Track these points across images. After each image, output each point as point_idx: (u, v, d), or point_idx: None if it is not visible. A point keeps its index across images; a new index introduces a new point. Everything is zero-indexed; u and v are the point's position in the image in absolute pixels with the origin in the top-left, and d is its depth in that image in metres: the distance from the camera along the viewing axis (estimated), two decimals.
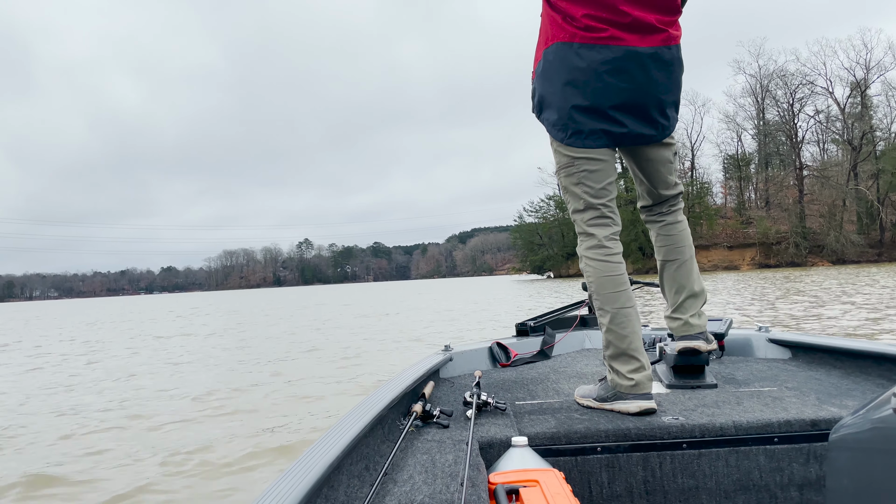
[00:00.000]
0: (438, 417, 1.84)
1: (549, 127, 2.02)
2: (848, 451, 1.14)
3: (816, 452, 1.66)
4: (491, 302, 22.66)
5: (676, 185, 2.17)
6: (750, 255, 62.28)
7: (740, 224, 65.96)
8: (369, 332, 12.94)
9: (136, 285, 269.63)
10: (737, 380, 2.28)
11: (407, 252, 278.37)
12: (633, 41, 1.85)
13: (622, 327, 1.91)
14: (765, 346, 2.77)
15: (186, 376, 8.08)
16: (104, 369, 9.26)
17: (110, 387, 7.53)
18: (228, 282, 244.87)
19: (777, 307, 13.13)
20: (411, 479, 1.39)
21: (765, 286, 22.43)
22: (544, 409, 1.99)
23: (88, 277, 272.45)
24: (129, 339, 15.01)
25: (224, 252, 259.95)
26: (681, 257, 2.15)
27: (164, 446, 4.54)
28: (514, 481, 1.32)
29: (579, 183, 2.00)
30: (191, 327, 18.64)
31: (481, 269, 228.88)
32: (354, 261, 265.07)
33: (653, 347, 2.65)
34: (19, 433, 5.26)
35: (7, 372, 9.68)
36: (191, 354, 10.75)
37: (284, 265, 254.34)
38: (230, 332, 15.88)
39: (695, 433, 1.69)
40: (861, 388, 2.04)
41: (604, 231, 2.00)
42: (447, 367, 2.63)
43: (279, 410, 5.62)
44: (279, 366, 8.60)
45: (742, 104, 72.16)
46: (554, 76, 1.95)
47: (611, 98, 1.89)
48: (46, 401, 6.78)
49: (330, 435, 1.42)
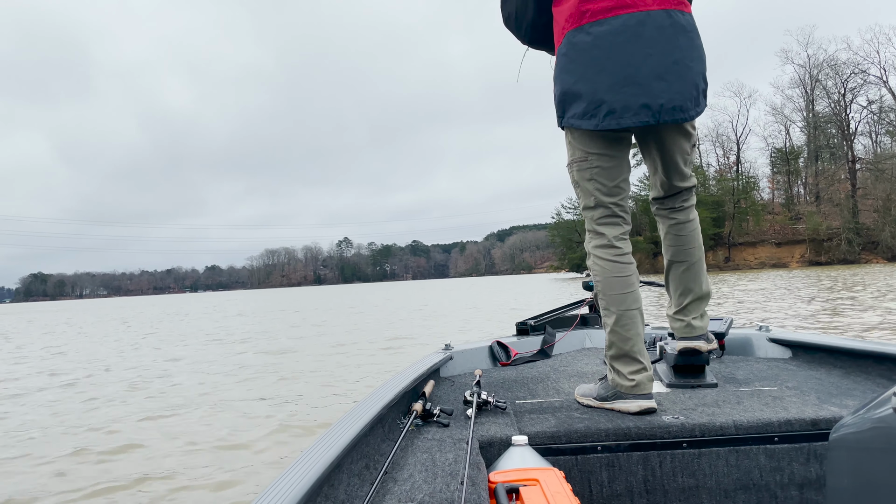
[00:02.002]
0: (439, 416, 1.83)
1: (578, 120, 1.90)
2: (848, 451, 1.14)
3: (817, 452, 1.66)
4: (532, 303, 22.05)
5: (691, 178, 2.10)
6: (799, 252, 60.25)
7: (789, 220, 63.97)
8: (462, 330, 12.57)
9: (181, 284, 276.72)
10: (737, 379, 2.27)
11: (445, 250, 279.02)
12: (643, 5, 1.80)
13: (626, 329, 1.89)
14: (765, 346, 2.76)
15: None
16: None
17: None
18: (270, 280, 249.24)
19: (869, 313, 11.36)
20: (411, 478, 1.39)
21: (828, 287, 21.20)
22: (544, 408, 1.98)
23: (136, 276, 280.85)
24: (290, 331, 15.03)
25: (266, 251, 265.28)
26: (689, 259, 2.09)
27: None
28: (515, 480, 1.33)
29: (591, 179, 1.95)
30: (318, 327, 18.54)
31: (520, 267, 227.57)
32: (393, 259, 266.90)
33: (653, 346, 2.58)
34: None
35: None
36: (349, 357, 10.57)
37: (325, 264, 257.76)
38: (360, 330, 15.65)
39: (695, 432, 1.68)
40: (861, 388, 2.02)
41: (614, 230, 1.96)
42: (447, 366, 2.62)
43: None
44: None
45: (790, 95, 69.99)
46: (572, 66, 1.87)
47: (639, 66, 1.79)
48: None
49: (330, 433, 1.42)
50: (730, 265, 63.13)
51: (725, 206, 65.17)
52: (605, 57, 1.81)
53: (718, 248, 65.22)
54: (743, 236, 64.93)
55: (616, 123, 1.83)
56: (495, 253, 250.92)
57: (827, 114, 66.62)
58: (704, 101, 1.91)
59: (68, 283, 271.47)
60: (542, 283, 54.34)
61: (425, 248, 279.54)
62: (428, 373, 2.26)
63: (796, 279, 28.39)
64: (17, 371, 9.91)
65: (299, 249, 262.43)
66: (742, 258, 63.84)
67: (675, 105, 1.82)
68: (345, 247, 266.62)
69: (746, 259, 63.37)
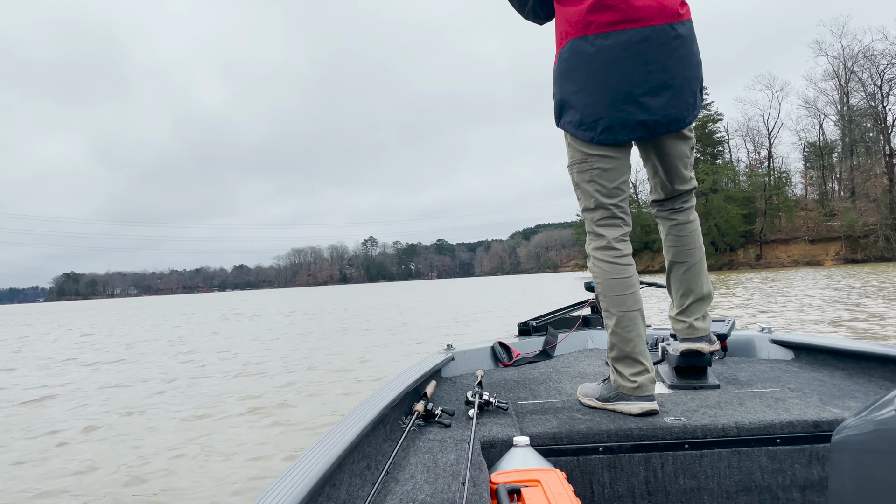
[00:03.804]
0: (440, 417, 1.83)
1: (574, 129, 1.92)
2: (850, 453, 1.13)
3: (819, 454, 1.66)
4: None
5: (691, 180, 2.12)
6: (834, 250, 58.64)
7: (823, 216, 62.32)
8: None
9: (209, 283, 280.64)
10: (739, 380, 2.27)
11: (470, 249, 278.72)
12: (647, 20, 1.81)
13: (627, 331, 1.89)
14: (767, 347, 2.75)
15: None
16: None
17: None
18: (297, 279, 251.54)
19: None
20: (413, 479, 1.40)
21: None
22: (546, 409, 1.98)
23: (165, 275, 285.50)
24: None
25: (292, 250, 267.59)
26: (690, 260, 2.11)
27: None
28: (516, 481, 1.32)
29: (591, 181, 1.95)
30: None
31: (545, 265, 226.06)
32: (418, 258, 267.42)
33: (655, 347, 2.55)
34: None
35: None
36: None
37: (350, 263, 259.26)
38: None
39: (697, 434, 1.68)
40: (864, 390, 2.02)
41: (614, 232, 1.96)
42: (449, 367, 2.62)
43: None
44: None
45: (823, 88, 68.32)
46: (573, 74, 1.88)
47: (638, 83, 1.82)
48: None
49: (332, 434, 1.42)
50: (761, 263, 61.70)
51: (757, 203, 63.74)
52: (606, 72, 1.82)
53: (749, 245, 63.82)
54: (775, 233, 63.49)
55: (612, 139, 1.87)
56: (520, 251, 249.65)
57: (862, 107, 64.72)
58: (701, 100, 1.97)
59: (100, 282, 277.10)
60: (567, 281, 53.62)
61: (450, 247, 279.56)
62: (430, 373, 2.25)
63: (836, 278, 27.40)
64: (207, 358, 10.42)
65: (325, 249, 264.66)
66: (774, 256, 62.35)
67: (671, 118, 1.86)
68: (370, 246, 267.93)
69: (779, 257, 61.87)
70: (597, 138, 1.87)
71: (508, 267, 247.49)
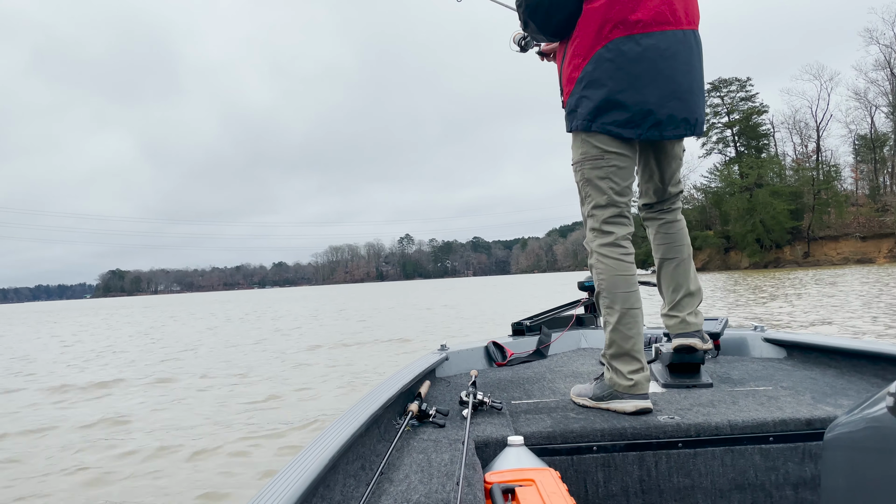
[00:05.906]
0: (434, 417, 1.85)
1: (618, 128, 1.92)
2: (843, 451, 1.14)
3: (811, 451, 1.67)
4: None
5: (680, 183, 2.23)
6: (887, 247, 56.21)
7: (875, 212, 59.81)
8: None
9: (249, 280, 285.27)
10: (732, 379, 2.28)
11: (507, 246, 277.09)
12: (679, 24, 1.90)
13: (629, 328, 1.92)
14: (760, 346, 2.76)
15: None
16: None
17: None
18: (334, 276, 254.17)
19: None
20: (407, 479, 1.40)
21: None
22: (540, 408, 1.98)
23: (207, 273, 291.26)
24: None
25: (330, 248, 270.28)
26: (679, 255, 2.17)
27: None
28: (510, 480, 1.33)
29: (606, 178, 1.98)
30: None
31: (583, 263, 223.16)
32: (454, 256, 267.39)
33: (648, 347, 2.53)
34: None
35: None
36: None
37: (387, 260, 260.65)
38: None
39: (690, 432, 1.69)
40: (856, 388, 2.03)
41: (621, 230, 2.00)
42: (443, 367, 2.62)
43: None
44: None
45: (874, 79, 65.03)
46: (619, 73, 1.88)
47: (680, 82, 1.90)
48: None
49: (326, 434, 1.42)
50: (809, 261, 59.58)
51: (804, 198, 61.57)
52: (654, 69, 1.87)
53: (797, 242, 61.70)
54: (824, 230, 61.20)
55: (658, 135, 1.92)
56: (557, 249, 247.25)
57: None
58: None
59: (143, 279, 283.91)
60: None
61: (486, 245, 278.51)
62: (424, 373, 2.25)
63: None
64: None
65: (362, 246, 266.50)
66: (823, 253, 60.12)
67: (701, 121, 1.99)
68: (406, 243, 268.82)
69: (828, 254, 59.62)
70: (645, 134, 1.91)
71: (545, 264, 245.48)
